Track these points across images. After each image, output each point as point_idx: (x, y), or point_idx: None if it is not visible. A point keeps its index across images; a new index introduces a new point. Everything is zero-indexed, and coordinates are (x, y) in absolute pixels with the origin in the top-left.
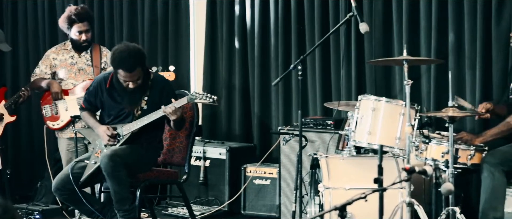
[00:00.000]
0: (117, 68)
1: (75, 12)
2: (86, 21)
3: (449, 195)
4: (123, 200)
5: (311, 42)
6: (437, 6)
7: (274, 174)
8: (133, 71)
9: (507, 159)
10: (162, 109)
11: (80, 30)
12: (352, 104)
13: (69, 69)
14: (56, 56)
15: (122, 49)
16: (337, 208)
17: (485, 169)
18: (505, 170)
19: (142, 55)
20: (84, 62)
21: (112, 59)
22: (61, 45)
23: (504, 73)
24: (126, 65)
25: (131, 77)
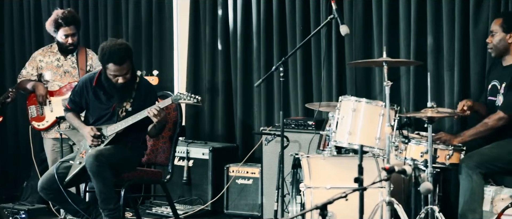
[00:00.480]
0: (107, 62)
1: (62, 16)
2: (72, 25)
3: (428, 194)
4: (107, 199)
5: (293, 44)
6: (416, 9)
7: (256, 173)
8: (123, 65)
9: (485, 161)
10: (146, 111)
11: (67, 34)
12: (333, 105)
13: (55, 72)
14: (42, 58)
15: (110, 44)
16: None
17: (464, 172)
18: (482, 172)
19: (130, 49)
20: (70, 64)
21: (101, 54)
22: (48, 48)
23: (482, 75)
24: (116, 58)
25: (120, 71)
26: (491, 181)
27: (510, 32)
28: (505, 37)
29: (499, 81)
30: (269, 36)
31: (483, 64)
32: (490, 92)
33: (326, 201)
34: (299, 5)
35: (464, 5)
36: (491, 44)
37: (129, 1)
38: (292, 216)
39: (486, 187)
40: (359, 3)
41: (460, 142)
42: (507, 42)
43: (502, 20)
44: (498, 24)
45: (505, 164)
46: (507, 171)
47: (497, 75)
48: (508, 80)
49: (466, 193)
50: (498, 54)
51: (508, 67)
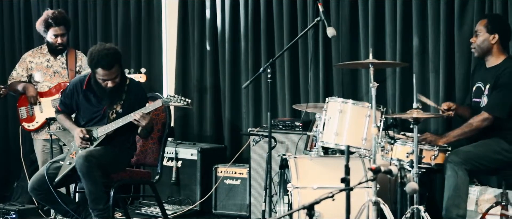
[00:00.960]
0: (95, 67)
1: (52, 16)
2: (62, 25)
3: (413, 194)
4: (97, 199)
5: (280, 46)
6: (402, 11)
7: (244, 174)
8: (112, 69)
9: (470, 158)
10: (131, 115)
11: (56, 34)
12: (320, 107)
13: (45, 72)
14: (32, 59)
15: (99, 48)
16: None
17: (449, 168)
18: (467, 168)
19: (118, 53)
20: (60, 65)
21: (90, 59)
22: (38, 49)
23: (467, 76)
24: (105, 63)
25: (109, 76)
26: (476, 181)
27: (493, 33)
28: (488, 38)
29: (483, 83)
30: (256, 38)
31: (468, 66)
32: (474, 94)
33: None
34: (286, 7)
35: (449, 7)
36: (474, 44)
37: (118, 3)
38: (280, 216)
39: (471, 187)
40: (346, 5)
41: (445, 143)
42: (490, 43)
43: (486, 21)
44: (482, 24)
45: (489, 162)
46: (491, 170)
47: (481, 77)
48: (492, 82)
49: (451, 188)
50: (481, 55)
51: (492, 68)
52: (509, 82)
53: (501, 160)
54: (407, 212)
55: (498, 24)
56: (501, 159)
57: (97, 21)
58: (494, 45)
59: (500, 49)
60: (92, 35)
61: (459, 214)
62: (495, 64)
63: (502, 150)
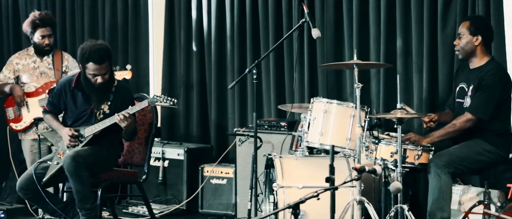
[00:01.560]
0: (87, 61)
1: (39, 17)
2: (49, 26)
3: (397, 193)
4: (85, 199)
5: (266, 47)
6: (386, 13)
7: (230, 173)
8: (102, 64)
9: (453, 161)
10: (114, 116)
11: (43, 35)
12: (305, 107)
13: (32, 73)
14: (19, 61)
15: (90, 44)
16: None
17: (432, 171)
18: (450, 171)
19: (109, 50)
20: (46, 66)
21: (81, 54)
22: (24, 51)
23: (450, 77)
24: (96, 57)
25: (100, 71)
26: (458, 181)
27: (476, 35)
28: (471, 40)
29: (466, 84)
30: (242, 39)
31: (451, 67)
32: (458, 94)
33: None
34: (271, 9)
35: (433, 9)
36: (458, 46)
37: (106, 4)
38: (265, 215)
39: (454, 187)
40: (330, 7)
41: (428, 142)
42: (474, 44)
43: (469, 23)
44: (465, 27)
45: (472, 163)
46: (474, 170)
47: (465, 78)
48: (475, 83)
49: (435, 191)
50: (464, 56)
51: (475, 70)
52: (492, 83)
53: (483, 160)
54: (391, 211)
55: (480, 26)
56: (483, 159)
57: (84, 21)
58: (477, 46)
59: (483, 51)
60: (80, 35)
61: (443, 217)
62: (478, 66)
63: (483, 150)
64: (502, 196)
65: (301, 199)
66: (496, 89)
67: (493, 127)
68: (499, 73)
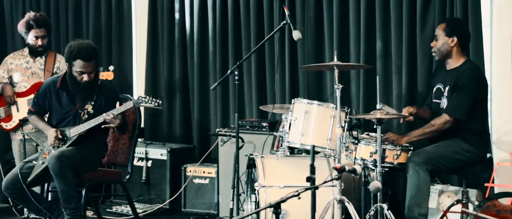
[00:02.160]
0: (75, 59)
1: (34, 18)
2: (43, 27)
3: (377, 192)
4: (69, 198)
5: (247, 49)
6: (365, 15)
7: (212, 173)
8: (90, 62)
9: (431, 159)
10: (103, 116)
11: (37, 35)
12: (286, 107)
13: (23, 73)
14: (13, 61)
15: (78, 42)
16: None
17: (411, 168)
18: (429, 169)
19: (96, 49)
20: (38, 66)
21: (69, 51)
22: (19, 51)
23: (428, 77)
24: (85, 54)
25: (87, 68)
26: (437, 180)
27: (452, 36)
28: (448, 41)
29: (443, 85)
30: (224, 41)
31: (429, 68)
32: (435, 95)
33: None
34: (253, 11)
35: (411, 11)
36: (435, 48)
37: (90, 6)
38: (247, 214)
39: (432, 186)
40: (311, 9)
41: (407, 142)
42: (450, 46)
43: (445, 25)
44: (441, 28)
45: (450, 162)
46: (452, 169)
47: (441, 79)
48: (452, 84)
49: (413, 188)
50: (441, 58)
51: (452, 71)
52: (468, 84)
53: (461, 159)
54: (371, 210)
55: (456, 27)
56: (461, 158)
57: (68, 22)
58: (454, 48)
59: (459, 52)
60: (64, 38)
61: (421, 213)
62: (454, 67)
63: (461, 150)
64: (480, 195)
65: (282, 198)
66: (472, 89)
67: (470, 126)
68: (475, 73)
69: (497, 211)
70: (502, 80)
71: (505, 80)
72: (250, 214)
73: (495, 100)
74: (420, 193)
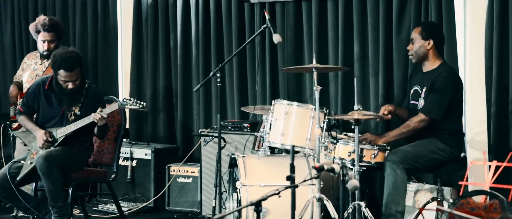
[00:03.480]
0: (58, 69)
1: (43, 22)
2: (52, 32)
3: (355, 191)
4: (56, 197)
5: (229, 52)
6: (343, 19)
7: (195, 172)
8: (73, 71)
9: (408, 157)
10: (92, 115)
11: (44, 39)
12: (267, 109)
13: (30, 74)
14: (26, 60)
15: (62, 51)
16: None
17: (388, 166)
18: (405, 167)
19: (80, 57)
20: (42, 69)
21: (53, 61)
22: (35, 52)
23: (404, 79)
24: (66, 65)
25: (70, 77)
26: (413, 178)
27: (428, 39)
28: (424, 44)
29: (420, 86)
30: (207, 44)
31: (405, 70)
32: (412, 96)
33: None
34: (235, 15)
35: (388, 15)
36: (411, 51)
37: (76, 11)
38: (229, 212)
39: (408, 184)
40: (291, 13)
41: (384, 142)
42: (426, 48)
43: (421, 28)
44: (417, 32)
45: (426, 161)
46: (428, 168)
47: (418, 81)
48: (428, 85)
49: (390, 186)
50: (418, 60)
51: (428, 73)
52: (444, 86)
53: (436, 158)
54: (349, 208)
55: (432, 30)
56: (437, 157)
57: None
58: (430, 50)
59: (435, 54)
60: None
61: (398, 210)
62: (431, 69)
63: (437, 149)
64: (454, 193)
65: (263, 196)
66: (448, 91)
67: (446, 126)
68: (451, 75)
69: (471, 209)
70: (475, 81)
71: (478, 81)
72: (232, 212)
73: (469, 101)
74: (397, 191)
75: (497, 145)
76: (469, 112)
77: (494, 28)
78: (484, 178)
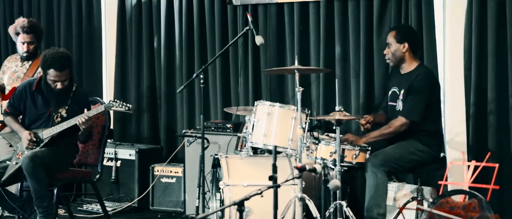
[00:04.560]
0: (48, 68)
1: (22, 24)
2: (31, 33)
3: (336, 191)
4: (42, 197)
5: (212, 53)
6: (325, 21)
7: (179, 173)
8: (63, 71)
9: (388, 160)
10: (75, 118)
11: (24, 41)
12: (249, 109)
13: (10, 76)
14: (7, 63)
15: (53, 51)
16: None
17: (369, 170)
18: (386, 170)
19: (70, 58)
20: (23, 71)
21: (43, 60)
22: (16, 54)
23: (385, 81)
24: (57, 65)
25: (60, 77)
26: (394, 178)
27: (403, 43)
28: (399, 48)
29: (398, 88)
30: (190, 46)
31: (385, 72)
32: (390, 98)
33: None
34: (218, 17)
35: (368, 17)
36: (388, 55)
37: (61, 12)
38: (212, 212)
39: (389, 184)
40: (273, 15)
41: (365, 142)
42: (402, 52)
43: (395, 32)
44: (392, 36)
45: (406, 163)
46: (408, 169)
47: (396, 82)
48: (406, 87)
49: (372, 189)
50: (395, 63)
51: (406, 74)
52: (422, 87)
53: (416, 160)
54: (331, 207)
55: (406, 34)
56: (416, 159)
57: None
58: (406, 53)
59: (412, 56)
60: None
61: (379, 213)
62: (408, 71)
63: (416, 150)
64: (434, 193)
65: (246, 196)
66: (425, 92)
67: (425, 127)
68: (428, 77)
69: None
70: (455, 83)
71: (457, 82)
72: (215, 212)
73: (448, 102)
74: (379, 194)
75: (476, 145)
76: (448, 113)
77: (473, 30)
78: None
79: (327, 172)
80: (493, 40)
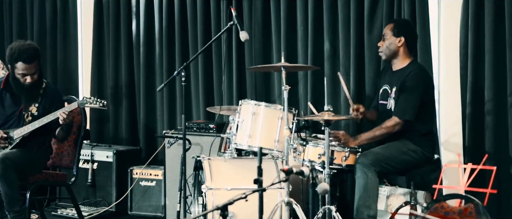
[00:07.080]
0: (16, 61)
1: None
2: None
3: (325, 194)
4: (13, 201)
5: (194, 50)
6: (313, 16)
7: (159, 175)
8: (32, 64)
9: (379, 160)
10: (57, 113)
11: None
12: (233, 109)
13: None
14: None
15: (20, 44)
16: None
17: (359, 170)
18: (377, 170)
19: (38, 50)
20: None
21: (10, 54)
22: None
23: (376, 78)
24: (25, 56)
25: (29, 70)
26: (386, 182)
27: (399, 37)
28: (395, 41)
29: (389, 86)
30: (171, 42)
31: (377, 69)
32: (381, 96)
33: (226, 202)
34: (200, 11)
35: (359, 12)
36: (382, 47)
37: (34, 6)
38: (194, 217)
39: (381, 187)
40: (258, 10)
41: (356, 144)
42: (397, 46)
43: (393, 25)
44: (389, 28)
45: (397, 163)
46: (400, 170)
47: (388, 80)
48: (398, 85)
49: (361, 189)
50: (388, 57)
51: (397, 72)
52: (415, 85)
53: (408, 160)
54: (319, 212)
55: (404, 28)
56: (408, 159)
57: (12, 25)
58: (400, 48)
59: (406, 52)
60: (8, 37)
61: (369, 214)
62: (400, 68)
63: (409, 150)
64: (428, 197)
65: (230, 200)
66: (418, 90)
67: (417, 127)
68: (421, 74)
69: (445, 213)
70: (450, 81)
71: (452, 81)
72: (197, 217)
73: (443, 101)
74: (369, 195)
75: (473, 147)
76: (443, 113)
77: (469, 27)
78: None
79: (315, 175)
80: (491, 36)
